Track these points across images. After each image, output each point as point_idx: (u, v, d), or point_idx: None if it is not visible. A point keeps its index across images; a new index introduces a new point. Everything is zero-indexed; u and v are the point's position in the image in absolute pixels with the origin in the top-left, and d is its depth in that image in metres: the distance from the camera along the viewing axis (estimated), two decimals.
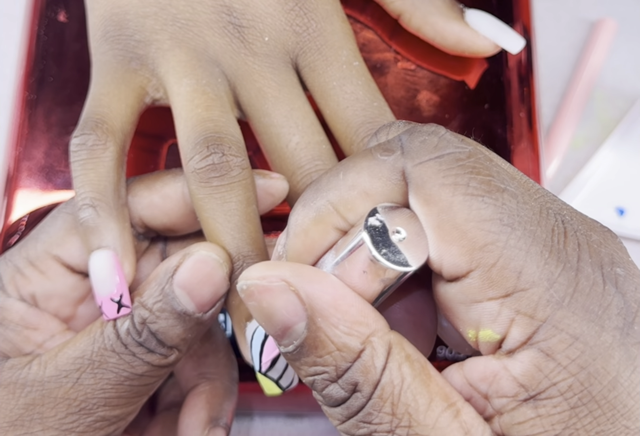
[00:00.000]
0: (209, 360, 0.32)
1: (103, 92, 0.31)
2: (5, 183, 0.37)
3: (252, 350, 0.28)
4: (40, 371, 0.28)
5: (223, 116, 0.30)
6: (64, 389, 0.28)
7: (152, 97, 0.32)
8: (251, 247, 0.28)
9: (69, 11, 0.39)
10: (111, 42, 0.32)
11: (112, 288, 0.28)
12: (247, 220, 0.29)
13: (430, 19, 0.35)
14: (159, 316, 0.28)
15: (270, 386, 0.29)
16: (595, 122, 0.50)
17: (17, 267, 0.30)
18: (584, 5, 0.52)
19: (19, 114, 0.38)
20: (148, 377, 0.28)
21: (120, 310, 0.28)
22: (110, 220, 0.29)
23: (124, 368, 0.28)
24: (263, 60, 0.32)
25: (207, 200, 0.29)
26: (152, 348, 0.28)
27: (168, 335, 0.28)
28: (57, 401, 0.28)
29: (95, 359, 0.28)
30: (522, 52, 0.39)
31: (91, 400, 0.28)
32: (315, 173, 0.30)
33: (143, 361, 0.28)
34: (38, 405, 0.28)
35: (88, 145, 0.29)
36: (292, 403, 0.42)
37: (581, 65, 0.51)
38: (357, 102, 0.31)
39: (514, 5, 0.40)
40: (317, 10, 0.32)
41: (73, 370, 0.28)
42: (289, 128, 0.31)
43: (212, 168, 0.28)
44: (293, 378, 0.29)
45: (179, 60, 0.31)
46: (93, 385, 0.28)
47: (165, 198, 0.30)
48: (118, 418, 0.28)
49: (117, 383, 0.28)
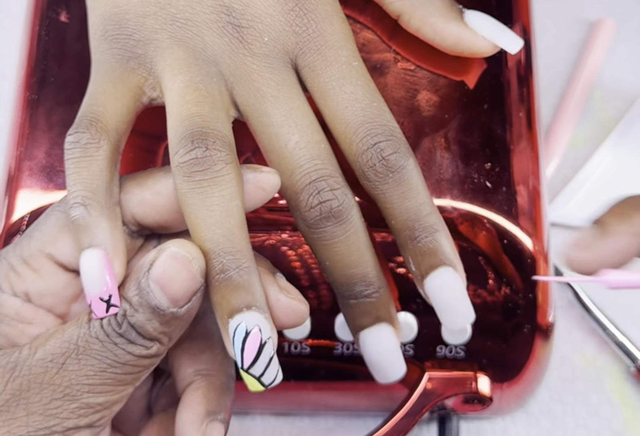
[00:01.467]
0: (205, 356, 0.32)
1: (100, 90, 0.31)
2: (6, 183, 0.37)
3: (235, 346, 0.28)
4: (29, 355, 0.28)
5: (212, 112, 0.30)
6: (50, 374, 0.28)
7: (149, 96, 0.32)
8: (232, 243, 0.28)
9: (70, 11, 0.39)
10: (110, 41, 0.32)
11: (102, 287, 0.28)
12: (228, 216, 0.29)
13: (429, 19, 0.35)
14: (137, 309, 0.28)
15: (253, 383, 0.29)
16: (595, 122, 0.51)
17: (11, 265, 0.30)
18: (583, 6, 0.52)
19: (20, 114, 0.38)
20: (131, 366, 0.28)
21: (109, 309, 0.28)
22: (102, 219, 0.29)
23: (107, 356, 0.28)
24: (262, 60, 0.32)
25: (189, 195, 0.29)
26: (132, 340, 0.28)
27: (145, 329, 0.28)
28: (42, 386, 0.28)
29: (80, 344, 0.28)
30: (521, 52, 0.39)
31: (75, 386, 0.28)
32: (315, 172, 0.30)
33: (125, 351, 0.28)
34: (24, 390, 0.28)
35: (82, 144, 0.29)
36: (292, 401, 0.42)
37: (580, 65, 0.51)
38: (356, 102, 0.31)
39: (513, 6, 0.40)
40: (317, 10, 0.32)
41: (59, 354, 0.28)
42: (288, 127, 0.31)
43: (194, 162, 0.29)
44: (276, 376, 0.29)
45: (175, 58, 0.31)
46: (77, 371, 0.28)
47: (157, 195, 0.30)
48: (102, 407, 0.28)
49: (101, 370, 0.28)
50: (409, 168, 0.31)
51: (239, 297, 0.28)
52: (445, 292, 0.31)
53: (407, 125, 0.36)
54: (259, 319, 0.28)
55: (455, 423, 0.42)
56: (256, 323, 0.28)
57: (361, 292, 0.31)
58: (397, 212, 0.31)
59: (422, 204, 0.31)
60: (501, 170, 0.36)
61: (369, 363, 0.33)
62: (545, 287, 0.38)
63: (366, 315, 0.32)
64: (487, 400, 0.39)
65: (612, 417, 0.44)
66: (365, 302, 0.31)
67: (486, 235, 0.36)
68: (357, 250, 0.31)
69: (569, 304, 0.46)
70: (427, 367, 0.39)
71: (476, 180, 0.35)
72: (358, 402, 0.43)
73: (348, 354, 0.39)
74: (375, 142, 0.30)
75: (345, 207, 0.30)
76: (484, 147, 0.36)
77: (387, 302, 0.32)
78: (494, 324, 0.38)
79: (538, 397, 0.45)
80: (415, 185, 0.31)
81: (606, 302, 0.46)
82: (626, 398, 0.45)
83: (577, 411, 0.44)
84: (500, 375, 0.40)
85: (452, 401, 0.40)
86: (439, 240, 0.31)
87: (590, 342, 0.46)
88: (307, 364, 0.39)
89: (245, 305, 0.28)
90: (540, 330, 0.38)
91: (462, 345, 0.39)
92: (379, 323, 0.32)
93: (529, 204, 0.36)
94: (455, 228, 0.36)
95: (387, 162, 0.30)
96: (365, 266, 0.31)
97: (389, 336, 0.32)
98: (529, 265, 0.37)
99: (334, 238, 0.31)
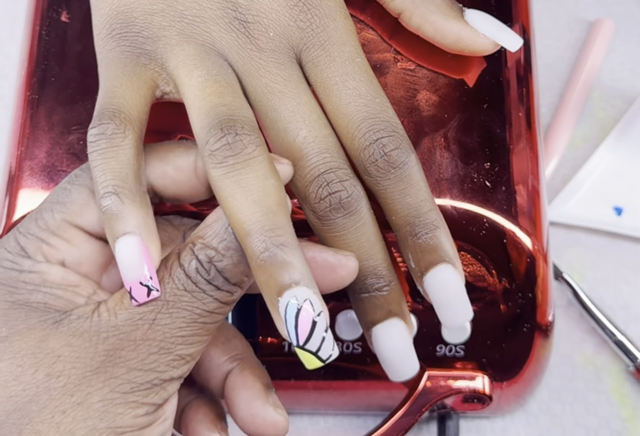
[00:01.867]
0: (234, 343, 0.33)
1: (116, 84, 0.31)
2: (7, 182, 0.37)
3: (287, 324, 0.28)
4: (111, 316, 0.29)
5: (235, 101, 0.31)
6: (142, 330, 0.28)
7: (162, 90, 0.32)
8: (271, 220, 0.28)
9: (71, 11, 0.39)
10: (118, 39, 0.32)
11: (142, 273, 0.28)
12: (265, 194, 0.29)
13: (430, 17, 0.35)
14: (224, 254, 0.29)
15: (310, 360, 0.28)
16: (594, 121, 0.51)
17: (39, 238, 0.30)
18: (582, 6, 0.52)
19: (20, 114, 0.38)
20: (217, 315, 0.29)
21: (150, 293, 0.28)
22: (134, 207, 0.29)
23: (197, 306, 0.29)
24: (269, 55, 0.32)
25: (224, 179, 0.29)
26: (219, 286, 0.29)
27: (233, 272, 0.29)
28: (137, 343, 0.28)
29: (169, 299, 0.28)
30: (520, 52, 0.39)
31: (169, 339, 0.28)
32: (323, 165, 0.31)
33: (213, 298, 0.29)
34: (118, 349, 0.28)
35: (107, 134, 0.30)
36: (292, 401, 0.42)
37: (579, 65, 0.51)
38: (359, 97, 0.31)
39: (513, 6, 0.40)
40: (321, 6, 0.32)
41: (147, 311, 0.28)
42: (296, 122, 0.31)
43: (226, 148, 0.29)
44: (333, 349, 0.29)
45: (187, 54, 0.32)
46: (170, 324, 0.28)
47: (178, 170, 0.31)
48: (192, 357, 0.29)
49: (192, 320, 0.29)
50: (410, 165, 0.31)
51: (286, 274, 0.28)
52: (444, 289, 0.31)
53: (406, 125, 0.36)
54: (308, 294, 0.28)
55: (455, 422, 0.42)
56: (306, 297, 0.28)
57: (372, 285, 0.31)
58: (398, 208, 0.31)
59: (423, 200, 0.31)
60: (500, 169, 0.36)
61: (382, 360, 0.33)
62: (545, 286, 0.38)
63: (378, 309, 0.32)
64: (487, 399, 0.39)
65: (611, 416, 0.44)
66: (377, 296, 0.32)
67: (485, 234, 0.36)
68: (367, 242, 0.31)
69: (568, 303, 0.47)
70: (426, 366, 0.39)
71: (475, 179, 0.36)
72: (358, 402, 0.43)
73: (348, 354, 0.39)
74: (378, 137, 0.31)
75: (355, 198, 0.31)
76: (484, 146, 0.36)
77: (399, 296, 0.32)
78: (494, 323, 0.38)
79: (537, 396, 0.45)
80: (417, 182, 0.31)
81: (605, 301, 0.46)
82: (625, 398, 0.45)
83: (576, 411, 0.44)
84: (499, 374, 0.40)
85: (452, 400, 0.40)
86: (439, 237, 0.31)
87: (590, 341, 0.46)
88: None
89: (293, 281, 0.28)
90: (539, 329, 0.39)
91: (461, 344, 0.39)
92: (392, 318, 0.32)
93: (529, 204, 0.36)
94: (455, 228, 0.36)
95: (389, 157, 0.31)
96: (375, 258, 0.31)
97: (401, 332, 0.32)
98: (528, 265, 0.37)
99: (344, 229, 0.31)
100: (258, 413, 0.31)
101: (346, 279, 0.31)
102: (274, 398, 0.32)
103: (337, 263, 0.30)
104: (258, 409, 0.31)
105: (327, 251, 0.30)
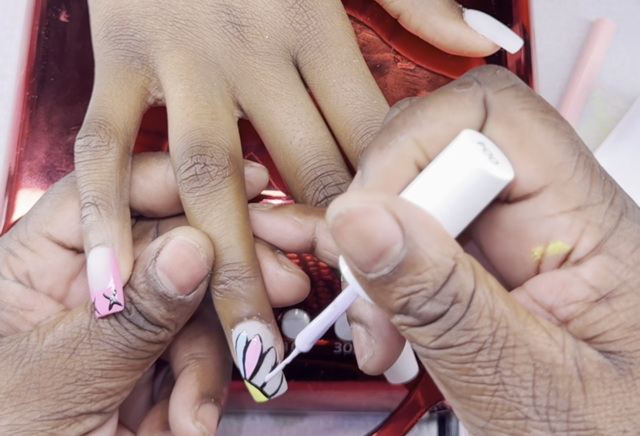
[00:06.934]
0: (200, 340, 0.33)
1: (106, 93, 0.31)
2: (6, 183, 0.37)
3: (237, 355, 0.29)
4: (38, 342, 0.28)
5: (212, 124, 0.31)
6: (62, 359, 0.28)
7: (154, 96, 0.32)
8: (230, 255, 0.29)
9: (70, 11, 0.39)
10: (113, 42, 0.32)
11: (106, 285, 0.28)
12: (227, 228, 0.29)
13: (429, 18, 0.35)
14: (143, 297, 0.28)
15: (256, 393, 0.29)
16: (594, 121, 0.51)
17: (9, 250, 0.30)
18: (583, 6, 0.52)
19: (20, 114, 0.38)
20: (142, 351, 0.29)
21: (112, 306, 0.28)
22: (111, 219, 0.29)
23: (119, 340, 0.28)
24: (264, 58, 0.32)
25: (192, 209, 0.30)
26: (140, 325, 0.29)
27: (152, 315, 0.29)
28: (55, 371, 0.28)
29: (92, 329, 0.28)
30: (521, 52, 0.39)
31: (88, 371, 0.28)
32: (320, 168, 0.31)
33: (135, 336, 0.29)
34: (35, 375, 0.28)
35: (92, 147, 0.30)
36: (292, 401, 0.42)
37: (580, 65, 0.51)
38: (356, 99, 0.31)
39: (513, 6, 0.40)
40: (317, 7, 0.32)
41: (70, 339, 0.28)
42: (292, 124, 0.31)
43: (194, 178, 0.29)
44: (279, 386, 0.29)
45: (176, 62, 0.32)
46: (90, 356, 0.28)
47: (146, 178, 0.31)
48: (114, 392, 0.29)
49: (113, 354, 0.28)
50: None
51: (239, 307, 0.29)
52: None
53: None
54: (259, 328, 0.29)
55: (455, 423, 0.42)
56: (256, 332, 0.29)
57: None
58: None
59: None
60: None
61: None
62: None
63: None
64: None
65: None
66: None
67: None
68: None
69: None
70: None
71: None
72: (358, 402, 0.42)
73: (348, 354, 0.39)
74: None
75: None
76: None
77: None
78: None
79: None
80: None
81: None
82: None
83: None
84: None
85: None
86: None
87: None
88: (307, 364, 0.39)
89: (245, 315, 0.29)
90: None
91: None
92: None
93: None
94: None
95: None
96: None
97: None
98: None
99: None
100: (178, 418, 0.31)
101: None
102: (205, 409, 0.31)
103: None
104: (179, 415, 0.31)
105: None
